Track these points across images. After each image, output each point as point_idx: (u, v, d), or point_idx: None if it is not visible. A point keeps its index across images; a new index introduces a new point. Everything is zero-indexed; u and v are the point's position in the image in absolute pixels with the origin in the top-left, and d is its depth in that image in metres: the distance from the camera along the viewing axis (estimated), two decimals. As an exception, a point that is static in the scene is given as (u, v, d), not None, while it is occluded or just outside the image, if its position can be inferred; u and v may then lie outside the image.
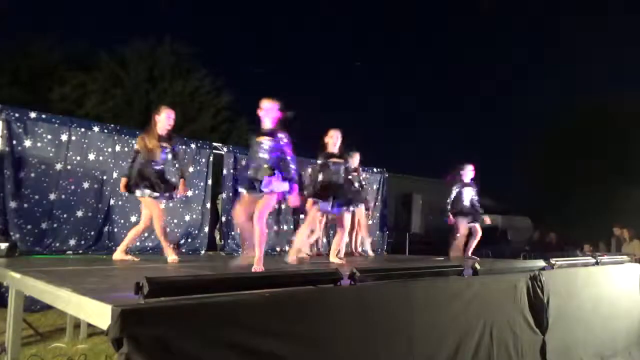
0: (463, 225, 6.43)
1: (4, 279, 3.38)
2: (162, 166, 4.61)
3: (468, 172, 6.62)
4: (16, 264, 3.72)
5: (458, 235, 6.49)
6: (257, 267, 3.65)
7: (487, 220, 6.65)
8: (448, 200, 6.56)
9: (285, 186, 3.80)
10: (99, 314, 1.78)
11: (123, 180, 4.51)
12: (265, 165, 3.74)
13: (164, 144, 4.53)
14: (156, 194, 4.46)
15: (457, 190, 6.52)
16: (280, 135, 3.89)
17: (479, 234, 6.54)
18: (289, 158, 3.87)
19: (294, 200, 3.95)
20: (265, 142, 3.85)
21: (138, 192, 4.45)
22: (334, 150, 4.89)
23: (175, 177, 4.77)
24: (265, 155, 3.82)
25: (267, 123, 3.94)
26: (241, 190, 3.95)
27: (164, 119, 4.55)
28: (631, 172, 15.10)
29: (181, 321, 1.65)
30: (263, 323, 1.87)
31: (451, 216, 6.49)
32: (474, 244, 6.58)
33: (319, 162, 4.89)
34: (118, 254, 4.58)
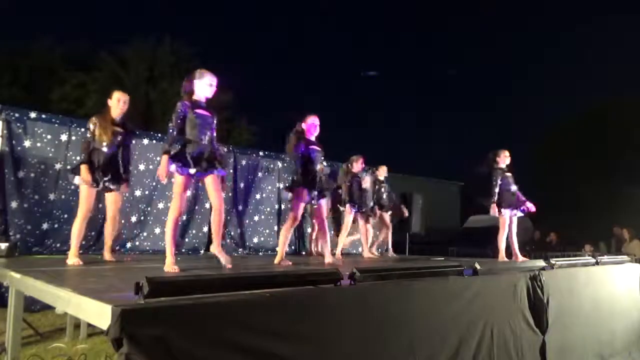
0: (506, 218, 5.57)
1: (4, 279, 3.38)
2: (112, 152, 4.20)
3: (504, 158, 5.73)
4: (16, 264, 3.71)
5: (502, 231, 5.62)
6: (217, 252, 3.42)
7: (532, 207, 5.69)
8: (495, 190, 5.55)
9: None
10: (99, 314, 1.78)
11: (84, 167, 4.01)
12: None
13: (117, 129, 4.23)
14: (96, 187, 4.13)
15: (500, 178, 5.60)
16: (214, 112, 3.55)
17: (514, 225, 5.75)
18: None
19: (223, 188, 3.64)
20: (207, 116, 3.46)
21: (76, 180, 4.12)
22: (311, 138, 4.59)
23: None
24: (209, 133, 3.48)
25: (202, 96, 3.52)
26: (192, 171, 3.36)
27: (115, 103, 4.32)
28: (631, 172, 15.10)
29: (181, 321, 1.65)
30: (263, 323, 1.86)
31: (497, 208, 5.56)
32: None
33: (298, 150, 4.48)
34: (107, 255, 4.43)
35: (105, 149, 4.12)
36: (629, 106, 17.37)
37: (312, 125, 4.57)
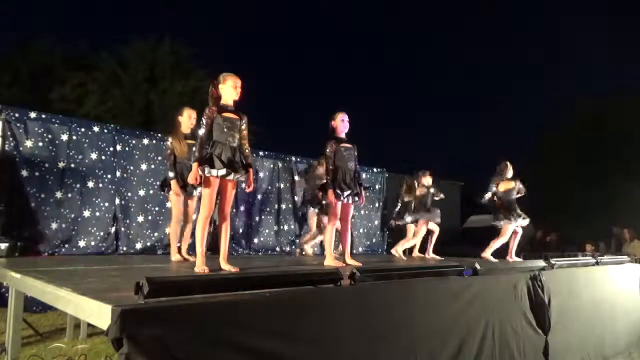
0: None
1: (4, 279, 3.38)
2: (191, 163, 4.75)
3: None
4: (16, 264, 3.71)
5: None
6: (227, 266, 3.39)
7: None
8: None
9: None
10: (99, 314, 1.78)
11: (174, 182, 4.64)
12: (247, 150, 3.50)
13: (190, 142, 4.69)
14: (186, 193, 4.74)
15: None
16: (243, 114, 3.53)
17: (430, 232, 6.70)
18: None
19: (250, 185, 3.60)
20: (234, 119, 3.45)
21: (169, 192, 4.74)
22: (342, 135, 4.47)
23: None
24: (238, 135, 3.46)
25: (229, 99, 3.51)
26: (221, 173, 3.33)
27: (186, 119, 4.82)
28: (631, 172, 15.09)
29: (181, 321, 1.65)
30: (263, 323, 1.86)
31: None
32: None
33: (328, 149, 4.36)
34: (175, 256, 4.68)
35: (186, 161, 4.63)
36: (629, 106, 17.35)
37: (341, 123, 4.48)
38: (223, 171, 3.32)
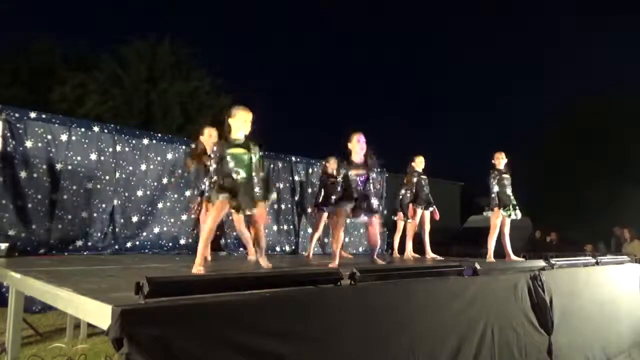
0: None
1: (4, 279, 3.38)
2: None
3: (419, 163, 6.51)
4: (16, 264, 3.71)
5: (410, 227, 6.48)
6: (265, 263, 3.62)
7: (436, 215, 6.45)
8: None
9: None
10: (99, 314, 1.78)
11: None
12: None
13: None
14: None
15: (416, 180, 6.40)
16: (254, 146, 3.60)
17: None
18: None
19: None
20: (241, 154, 3.52)
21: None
22: (356, 157, 4.35)
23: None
24: (245, 170, 3.52)
25: (239, 133, 3.53)
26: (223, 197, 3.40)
27: (207, 139, 4.89)
28: (631, 172, 15.10)
29: (181, 321, 1.65)
30: (263, 323, 1.86)
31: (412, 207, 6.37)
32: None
33: (338, 171, 4.36)
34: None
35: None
36: (629, 106, 17.35)
37: (355, 144, 4.37)
38: (225, 195, 3.33)
